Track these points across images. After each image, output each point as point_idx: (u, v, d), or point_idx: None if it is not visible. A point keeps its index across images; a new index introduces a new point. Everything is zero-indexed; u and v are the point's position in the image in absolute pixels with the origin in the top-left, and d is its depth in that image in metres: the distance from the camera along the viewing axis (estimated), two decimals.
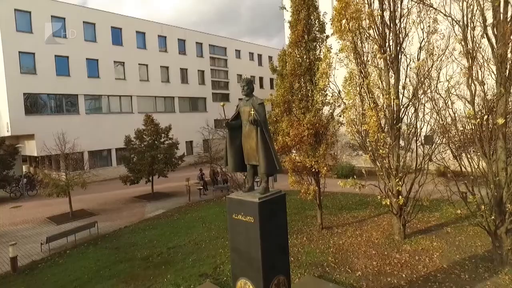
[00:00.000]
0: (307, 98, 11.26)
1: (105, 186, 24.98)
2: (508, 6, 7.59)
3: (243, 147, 5.64)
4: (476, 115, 6.94)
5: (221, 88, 41.68)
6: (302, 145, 10.79)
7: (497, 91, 7.05)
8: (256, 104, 5.36)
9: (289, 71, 11.25)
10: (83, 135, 27.25)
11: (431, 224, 12.41)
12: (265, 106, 5.55)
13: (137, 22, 32.42)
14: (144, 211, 17.15)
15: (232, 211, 5.55)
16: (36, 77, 25.34)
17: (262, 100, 5.50)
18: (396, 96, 9.84)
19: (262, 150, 5.27)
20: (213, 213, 15.94)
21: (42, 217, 17.07)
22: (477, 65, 7.18)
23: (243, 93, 5.57)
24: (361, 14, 9.64)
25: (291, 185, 11.73)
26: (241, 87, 5.55)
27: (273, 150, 5.35)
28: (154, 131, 19.95)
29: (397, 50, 10.57)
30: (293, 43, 11.68)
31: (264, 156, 5.27)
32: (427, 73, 9.24)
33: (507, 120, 6.98)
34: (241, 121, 5.63)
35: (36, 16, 25.32)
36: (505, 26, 7.38)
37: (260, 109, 5.34)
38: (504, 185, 8.01)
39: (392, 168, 9.51)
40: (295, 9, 11.79)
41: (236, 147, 5.69)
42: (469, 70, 7.23)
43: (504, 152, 8.02)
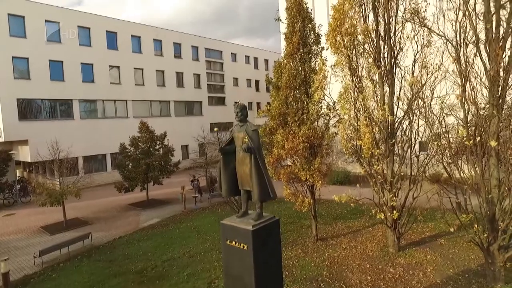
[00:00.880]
0: (302, 110, 11.26)
1: (99, 192, 24.81)
2: (499, 26, 7.66)
3: (237, 172, 5.63)
4: (469, 135, 6.98)
5: (217, 91, 41.61)
6: (297, 159, 10.78)
7: (489, 112, 7.11)
8: (250, 130, 5.35)
9: (284, 83, 11.26)
10: (78, 140, 27.11)
11: (425, 235, 12.49)
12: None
13: (132, 26, 32.26)
14: (138, 220, 17.05)
15: (226, 237, 5.53)
16: (30, 82, 25.10)
17: (256, 127, 5.49)
18: (391, 112, 9.88)
19: (256, 177, 5.26)
20: (208, 222, 15.90)
21: (36, 226, 16.90)
22: (470, 85, 7.23)
23: (237, 119, 5.56)
24: (356, 29, 9.66)
25: (286, 197, 11.74)
26: (235, 113, 5.54)
27: (267, 177, 5.34)
28: (149, 138, 19.84)
29: (391, 63, 10.65)
30: (288, 55, 11.70)
31: (258, 183, 5.26)
32: (421, 89, 9.29)
33: (499, 141, 7.02)
34: (235, 146, 5.61)
35: (30, 21, 25.08)
36: (497, 47, 7.45)
37: (254, 135, 5.33)
38: (497, 202, 8.06)
39: (387, 182, 9.55)
40: (290, 21, 11.81)
41: (230, 172, 5.68)
42: (462, 90, 7.28)
43: (496, 170, 8.08)
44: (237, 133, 5.50)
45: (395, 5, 10.39)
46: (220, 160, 5.69)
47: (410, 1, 10.39)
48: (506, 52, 7.67)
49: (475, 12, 7.85)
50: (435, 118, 8.29)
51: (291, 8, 11.88)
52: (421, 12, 10.34)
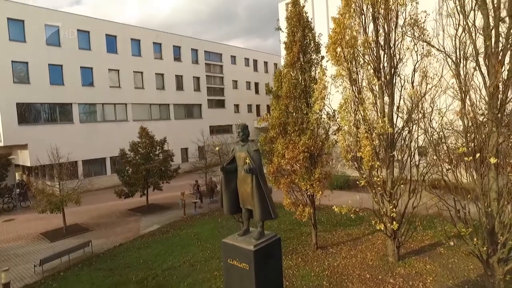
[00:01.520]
0: (303, 120, 11.30)
1: (99, 197, 24.77)
2: (498, 41, 7.70)
3: (238, 190, 5.66)
4: (469, 152, 7.02)
5: (217, 94, 41.63)
6: (298, 169, 10.81)
7: (488, 128, 7.15)
8: (252, 150, 5.38)
9: (284, 93, 11.30)
10: (77, 144, 27.13)
11: (425, 243, 12.53)
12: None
13: (131, 29, 32.27)
14: (139, 227, 17.07)
15: (228, 255, 5.56)
16: (29, 86, 25.10)
17: (258, 147, 5.53)
18: (391, 123, 9.92)
19: (257, 197, 5.29)
20: (208, 229, 15.93)
21: (36, 233, 16.91)
22: (470, 101, 7.27)
23: (238, 138, 5.60)
24: (356, 41, 9.71)
25: (286, 207, 11.78)
26: (237, 132, 5.58)
27: (268, 196, 5.37)
28: (149, 143, 19.86)
29: (391, 73, 10.69)
30: (289, 64, 11.74)
31: (259, 203, 5.29)
32: (420, 100, 9.34)
33: (499, 158, 7.06)
34: (237, 165, 5.65)
35: (29, 25, 25.07)
36: (496, 62, 7.50)
37: (256, 156, 5.36)
38: (496, 215, 8.11)
39: (386, 193, 9.60)
40: (290, 31, 11.85)
41: (232, 190, 5.71)
42: (462, 105, 7.32)
43: (496, 183, 8.12)
44: (239, 153, 5.53)
45: (395, 15, 10.45)
46: (222, 179, 5.72)
47: (409, 12, 10.47)
48: (505, 67, 7.73)
49: (475, 27, 7.90)
50: (435, 132, 8.33)
51: (291, 18, 11.93)
52: (421, 23, 10.42)
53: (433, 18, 8.77)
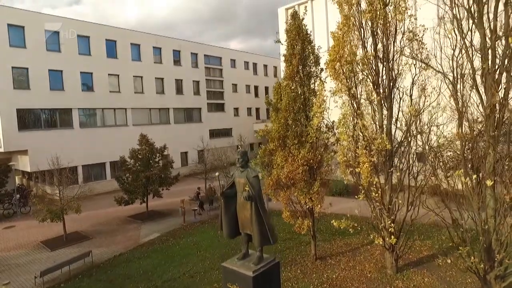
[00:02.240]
0: (302, 133, 11.38)
1: (99, 202, 24.78)
2: (495, 60, 7.78)
3: (238, 215, 5.74)
4: (466, 173, 7.11)
5: (216, 98, 41.69)
6: (297, 182, 10.89)
7: (485, 150, 7.23)
8: (251, 177, 5.46)
9: (283, 106, 11.38)
10: (77, 149, 27.20)
11: (423, 254, 12.62)
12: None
13: (131, 34, 32.32)
14: (139, 235, 17.13)
15: (227, 279, 5.64)
16: (29, 92, 25.14)
17: (257, 173, 5.60)
18: (389, 140, 10.00)
19: (256, 223, 5.37)
20: (207, 237, 15.99)
21: (36, 241, 16.96)
22: (467, 122, 7.36)
23: (238, 164, 5.67)
24: (355, 57, 9.79)
25: (285, 219, 11.86)
26: (236, 159, 5.66)
27: (267, 222, 5.45)
28: (149, 150, 19.93)
29: (390, 87, 10.78)
30: (288, 77, 11.82)
31: (258, 229, 5.37)
32: (418, 115, 9.44)
33: (496, 180, 7.14)
34: (236, 190, 5.72)
35: (29, 31, 25.11)
36: (493, 81, 7.59)
37: (255, 182, 5.44)
38: (493, 232, 8.19)
39: (385, 208, 9.68)
40: (289, 44, 11.93)
41: (231, 214, 5.79)
42: (459, 126, 7.42)
43: (492, 200, 8.21)
44: (238, 178, 5.61)
45: (393, 30, 10.54)
46: (222, 204, 5.80)
47: (408, 26, 10.57)
48: (502, 85, 7.82)
49: (472, 46, 7.99)
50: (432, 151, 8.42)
51: (291, 31, 12.02)
52: (419, 37, 10.51)
53: (431, 36, 8.86)
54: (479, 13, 7.90)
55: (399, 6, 9.97)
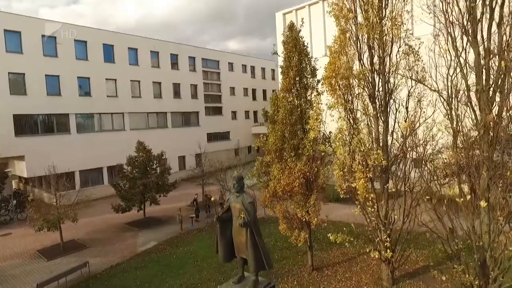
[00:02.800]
0: (298, 145, 11.42)
1: (96, 208, 24.64)
2: (489, 79, 7.86)
3: (233, 239, 5.77)
4: (461, 193, 7.18)
5: (214, 101, 41.66)
6: (294, 195, 10.94)
7: (480, 171, 7.29)
8: (247, 203, 5.49)
9: (280, 119, 11.41)
10: (74, 154, 27.13)
11: (419, 265, 12.69)
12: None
13: (129, 38, 32.26)
14: (136, 243, 17.11)
15: None
16: (26, 97, 25.04)
17: (253, 199, 5.64)
18: (385, 151, 10.06)
19: (251, 249, 5.41)
20: (205, 246, 15.99)
21: (32, 250, 16.90)
22: (463, 141, 7.43)
23: (234, 190, 5.70)
24: (352, 72, 9.85)
25: (282, 231, 11.89)
26: (232, 184, 5.68)
27: (263, 248, 5.49)
28: (146, 157, 19.92)
29: (386, 100, 10.84)
30: (285, 89, 11.87)
31: (253, 255, 5.40)
32: (414, 133, 9.51)
33: (489, 201, 7.21)
34: (232, 214, 5.75)
35: (26, 36, 25.02)
36: (487, 99, 7.67)
37: (250, 207, 5.47)
38: (488, 248, 8.26)
39: (381, 221, 9.74)
40: (286, 56, 11.97)
41: (227, 238, 5.82)
42: (454, 146, 7.48)
43: (487, 216, 8.28)
44: (234, 203, 5.64)
45: (390, 43, 10.60)
46: (217, 228, 5.83)
47: (404, 39, 10.64)
48: (496, 103, 7.89)
49: (467, 64, 8.06)
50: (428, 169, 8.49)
51: (288, 43, 12.05)
52: (414, 50, 10.59)
53: (426, 54, 8.93)
54: (473, 32, 7.99)
55: (396, 21, 10.04)
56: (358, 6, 10.90)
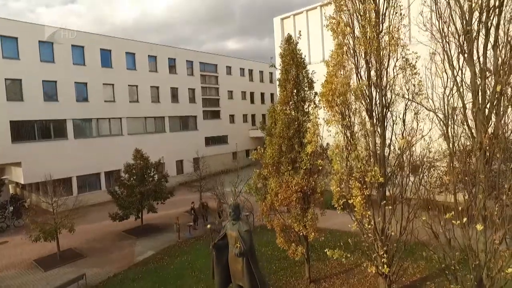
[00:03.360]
0: (296, 159, 11.43)
1: (93, 214, 24.51)
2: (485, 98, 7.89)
3: (229, 266, 5.76)
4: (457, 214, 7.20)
5: (212, 105, 41.63)
6: (291, 210, 10.95)
7: (475, 195, 7.32)
8: (243, 231, 5.50)
9: (278, 133, 11.41)
10: (72, 160, 27.09)
11: (416, 277, 12.73)
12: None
13: (126, 43, 32.21)
14: (133, 253, 17.06)
15: None
16: (23, 103, 24.95)
17: (249, 227, 5.64)
18: (381, 165, 10.08)
19: (247, 277, 5.41)
20: (202, 256, 15.95)
21: (29, 259, 16.83)
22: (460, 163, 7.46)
23: (230, 218, 5.70)
24: (349, 87, 9.86)
25: (279, 245, 11.90)
26: (229, 212, 5.68)
27: (258, 277, 5.49)
28: (144, 165, 19.88)
29: (383, 113, 10.86)
30: (282, 102, 11.88)
31: (250, 283, 5.41)
32: (410, 149, 9.53)
33: (486, 225, 7.24)
34: (228, 241, 5.75)
35: (23, 42, 24.93)
36: (483, 118, 7.70)
37: (246, 236, 5.48)
38: (484, 266, 8.29)
39: (378, 239, 9.75)
40: (284, 69, 11.98)
41: (223, 265, 5.82)
42: (450, 166, 7.50)
43: (483, 234, 8.31)
44: (230, 232, 5.64)
45: (387, 57, 10.62)
46: (213, 255, 5.82)
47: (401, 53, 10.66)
48: (492, 123, 7.93)
49: (463, 82, 8.09)
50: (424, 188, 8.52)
51: (285, 56, 12.06)
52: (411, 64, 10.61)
53: (423, 72, 8.96)
54: (469, 51, 8.02)
55: (392, 37, 10.06)
56: (355, 19, 10.94)
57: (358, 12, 10.60)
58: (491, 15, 7.55)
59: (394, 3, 10.31)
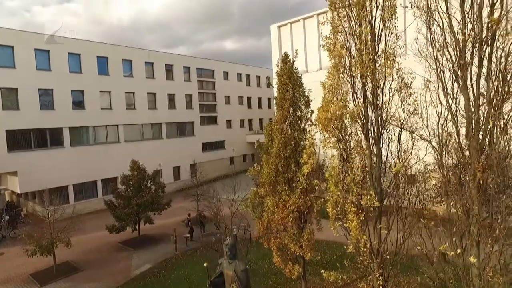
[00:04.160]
0: (292, 178, 11.49)
1: (90, 224, 24.40)
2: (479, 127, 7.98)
3: None
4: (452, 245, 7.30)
5: (209, 110, 41.61)
6: (287, 229, 11.01)
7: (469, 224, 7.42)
8: (239, 271, 5.55)
9: (274, 153, 11.46)
10: (68, 168, 27.03)
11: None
12: None
13: (123, 50, 32.13)
14: (130, 266, 17.04)
15: None
16: (19, 112, 24.84)
17: (245, 266, 5.68)
18: (377, 185, 10.17)
19: None
20: (199, 270, 15.94)
21: (25, 273, 16.75)
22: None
23: (227, 257, 5.74)
24: (346, 111, 9.94)
25: (277, 264, 11.95)
26: (225, 252, 5.73)
27: None
28: (140, 177, 19.87)
29: (379, 133, 10.95)
30: (279, 121, 11.93)
31: None
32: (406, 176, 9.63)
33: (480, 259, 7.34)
34: (224, 278, 5.80)
35: (18, 51, 24.82)
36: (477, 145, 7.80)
37: (242, 276, 5.52)
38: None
39: (374, 262, 9.83)
40: (281, 88, 12.03)
41: None
42: (445, 195, 7.59)
43: (478, 261, 8.42)
44: (226, 270, 5.69)
45: (383, 78, 10.71)
46: None
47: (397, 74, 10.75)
48: (486, 149, 8.03)
49: (458, 108, 8.19)
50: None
51: (282, 75, 12.10)
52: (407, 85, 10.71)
53: (419, 99, 9.07)
54: (463, 78, 8.12)
55: (388, 60, 10.15)
56: (351, 39, 11.02)
57: (354, 34, 10.71)
58: (483, 47, 7.66)
59: (390, 24, 10.44)
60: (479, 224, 7.42)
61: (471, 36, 7.51)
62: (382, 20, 10.29)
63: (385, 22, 10.54)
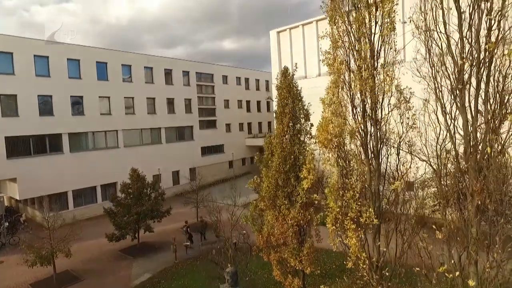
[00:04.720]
0: (292, 192, 11.57)
1: (90, 230, 24.35)
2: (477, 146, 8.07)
3: None
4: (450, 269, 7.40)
5: (208, 114, 41.63)
6: (287, 244, 11.08)
7: (467, 246, 7.51)
8: None
9: (274, 167, 11.53)
10: (68, 174, 27.03)
11: None
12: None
13: (122, 55, 32.14)
14: (130, 275, 17.08)
15: None
16: (18, 119, 24.81)
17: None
18: (377, 201, 10.26)
19: None
20: (199, 279, 16.05)
21: (25, 283, 16.78)
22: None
23: (227, 284, 5.81)
24: (345, 128, 10.02)
25: (276, 277, 12.03)
26: (226, 279, 5.79)
27: None
28: (140, 186, 19.91)
29: (378, 148, 11.04)
30: (279, 135, 12.00)
31: None
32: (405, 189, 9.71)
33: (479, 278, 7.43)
34: None
35: (18, 57, 24.80)
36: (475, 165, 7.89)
37: None
38: None
39: (373, 278, 9.91)
40: (280, 102, 12.10)
41: None
42: (443, 214, 7.69)
43: (476, 277, 8.51)
44: None
45: (382, 94, 10.80)
46: None
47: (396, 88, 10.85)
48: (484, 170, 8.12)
49: (455, 127, 8.29)
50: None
51: (281, 88, 12.18)
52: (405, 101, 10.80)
53: (418, 119, 9.16)
54: (461, 100, 8.22)
55: (386, 78, 10.24)
56: (351, 54, 11.11)
57: (354, 49, 10.80)
58: (481, 69, 7.75)
59: (389, 40, 10.53)
60: (477, 245, 7.52)
61: (469, 60, 7.61)
62: (382, 36, 10.40)
63: (384, 38, 10.65)
